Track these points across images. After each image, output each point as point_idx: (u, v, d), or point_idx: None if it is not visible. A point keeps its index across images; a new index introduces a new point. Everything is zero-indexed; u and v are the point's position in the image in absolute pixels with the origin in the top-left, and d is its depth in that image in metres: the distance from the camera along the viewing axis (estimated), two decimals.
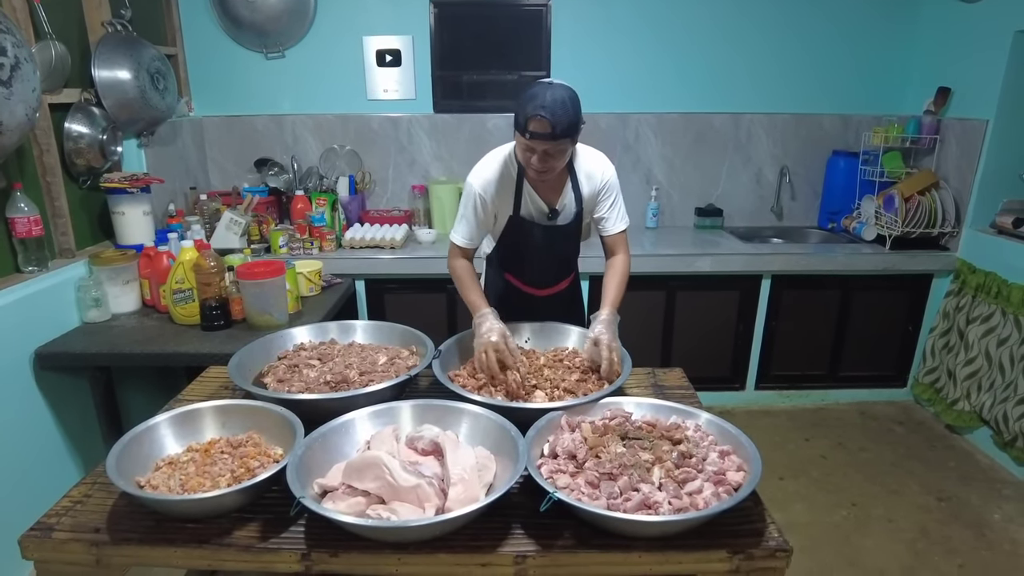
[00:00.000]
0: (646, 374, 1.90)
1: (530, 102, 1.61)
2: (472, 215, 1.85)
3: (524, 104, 1.63)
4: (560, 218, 1.91)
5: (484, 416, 1.44)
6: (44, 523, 1.25)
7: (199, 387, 1.83)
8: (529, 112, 1.60)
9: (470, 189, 1.84)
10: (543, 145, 1.64)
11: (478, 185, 1.83)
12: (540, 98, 1.60)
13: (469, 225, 1.87)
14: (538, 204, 1.89)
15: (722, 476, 1.27)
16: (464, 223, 1.88)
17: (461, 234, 1.89)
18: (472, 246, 1.91)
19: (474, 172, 1.86)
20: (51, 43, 2.27)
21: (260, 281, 2.23)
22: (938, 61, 3.33)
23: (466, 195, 1.85)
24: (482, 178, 1.83)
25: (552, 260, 2.05)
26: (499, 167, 1.84)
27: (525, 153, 1.70)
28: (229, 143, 3.51)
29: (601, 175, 1.88)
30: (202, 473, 1.32)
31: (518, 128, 1.66)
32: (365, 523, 1.14)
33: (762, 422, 3.32)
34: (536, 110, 1.59)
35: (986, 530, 2.50)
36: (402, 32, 3.36)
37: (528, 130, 1.62)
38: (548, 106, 1.59)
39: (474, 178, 1.84)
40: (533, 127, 1.61)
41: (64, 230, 2.43)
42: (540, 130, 1.61)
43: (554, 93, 1.61)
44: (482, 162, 1.87)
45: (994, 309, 2.94)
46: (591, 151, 1.92)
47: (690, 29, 3.42)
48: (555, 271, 2.09)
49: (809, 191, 3.73)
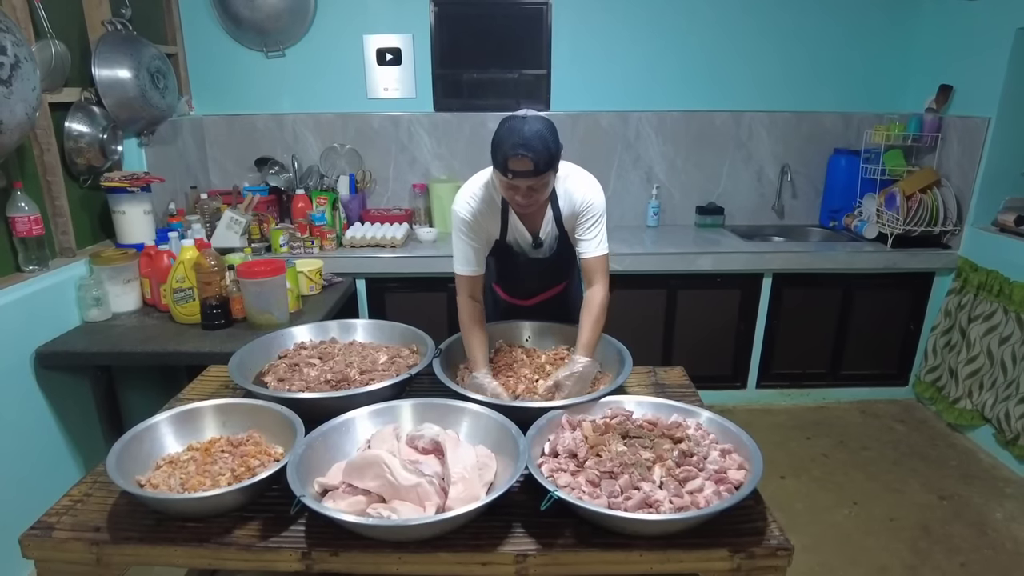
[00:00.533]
0: (647, 372, 1.89)
1: (507, 139, 1.53)
2: (466, 241, 1.77)
3: (502, 143, 1.54)
4: (545, 246, 1.86)
5: (485, 415, 1.44)
6: (44, 522, 1.26)
7: (200, 386, 1.83)
8: (508, 151, 1.52)
9: (457, 217, 1.76)
10: (527, 182, 1.57)
11: (465, 212, 1.75)
12: (517, 134, 1.52)
13: (467, 252, 1.78)
14: (522, 233, 1.83)
15: (723, 475, 1.27)
16: (462, 252, 1.79)
17: (461, 263, 1.79)
18: (478, 272, 1.81)
19: (458, 200, 1.78)
20: (51, 42, 2.27)
21: (260, 280, 2.23)
22: (939, 59, 3.32)
23: (455, 225, 1.77)
24: (467, 205, 1.76)
25: (536, 279, 2.04)
26: (482, 193, 1.77)
27: (508, 191, 1.63)
28: (229, 142, 3.50)
29: (583, 197, 1.75)
30: (202, 472, 1.32)
31: (497, 167, 1.58)
32: (366, 522, 1.14)
33: (763, 421, 3.31)
34: (515, 149, 1.51)
35: (988, 529, 2.49)
36: (402, 31, 3.36)
37: (510, 169, 1.54)
38: (527, 143, 1.51)
39: (459, 206, 1.77)
40: (514, 166, 1.54)
41: (65, 229, 2.43)
42: (522, 168, 1.54)
43: (530, 127, 1.53)
44: (465, 189, 1.79)
45: (996, 307, 2.94)
46: (582, 175, 1.79)
47: (691, 27, 3.41)
48: (538, 287, 2.08)
49: (810, 189, 3.72)
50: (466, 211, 1.75)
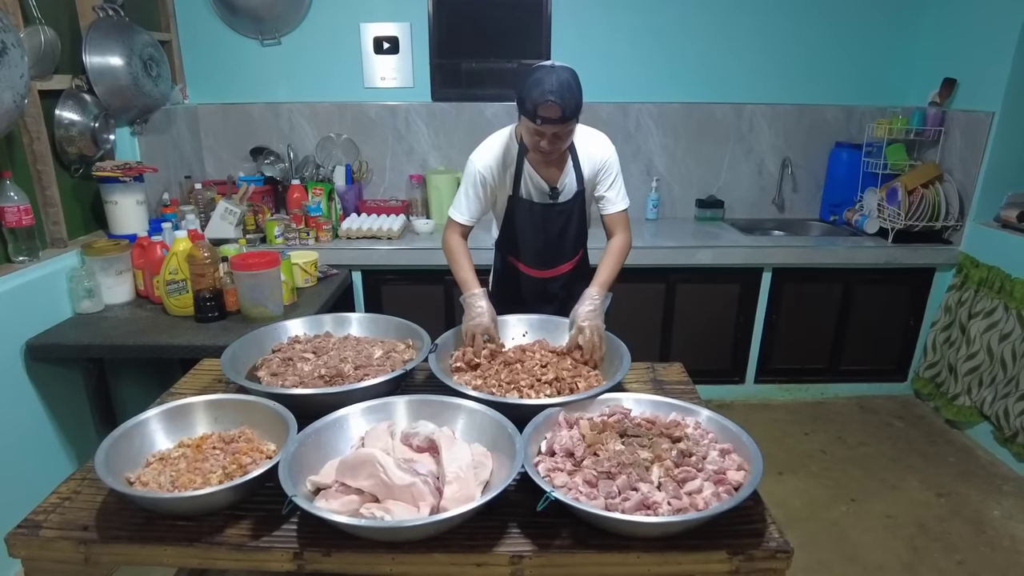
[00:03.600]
0: (645, 369, 1.87)
1: (536, 87, 1.64)
2: (473, 193, 1.91)
3: (530, 90, 1.65)
4: (561, 196, 1.95)
5: (480, 412, 1.42)
6: (32, 520, 1.23)
7: (192, 380, 1.80)
8: (537, 98, 1.63)
9: (472, 167, 1.90)
10: (553, 129, 1.68)
11: (480, 164, 1.89)
12: (547, 83, 1.62)
13: (469, 203, 1.92)
14: (539, 184, 1.93)
15: (722, 475, 1.25)
16: (464, 200, 1.93)
17: (460, 211, 1.93)
18: (470, 223, 1.95)
19: (477, 152, 1.91)
20: (40, 28, 2.22)
21: (255, 272, 2.20)
22: (944, 52, 3.28)
23: (468, 173, 1.91)
24: (484, 157, 1.90)
25: (552, 240, 2.06)
26: (501, 147, 1.90)
27: (533, 137, 1.74)
28: (224, 131, 3.46)
29: (601, 154, 1.92)
30: (193, 469, 1.30)
31: (526, 114, 1.68)
32: (358, 523, 1.12)
33: (761, 415, 3.30)
34: (545, 95, 1.62)
35: (986, 526, 2.49)
36: (400, 19, 3.31)
37: (539, 115, 1.65)
38: (556, 90, 1.62)
39: (476, 157, 1.90)
40: (543, 112, 1.64)
41: (56, 219, 2.39)
42: (550, 115, 1.64)
43: (559, 76, 1.64)
44: (485, 144, 1.92)
45: (997, 304, 2.92)
46: (591, 131, 1.95)
47: (692, 18, 3.37)
48: (557, 252, 2.10)
49: (811, 183, 3.69)
50: (481, 162, 1.89)
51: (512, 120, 1.91)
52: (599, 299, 1.79)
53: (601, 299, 1.80)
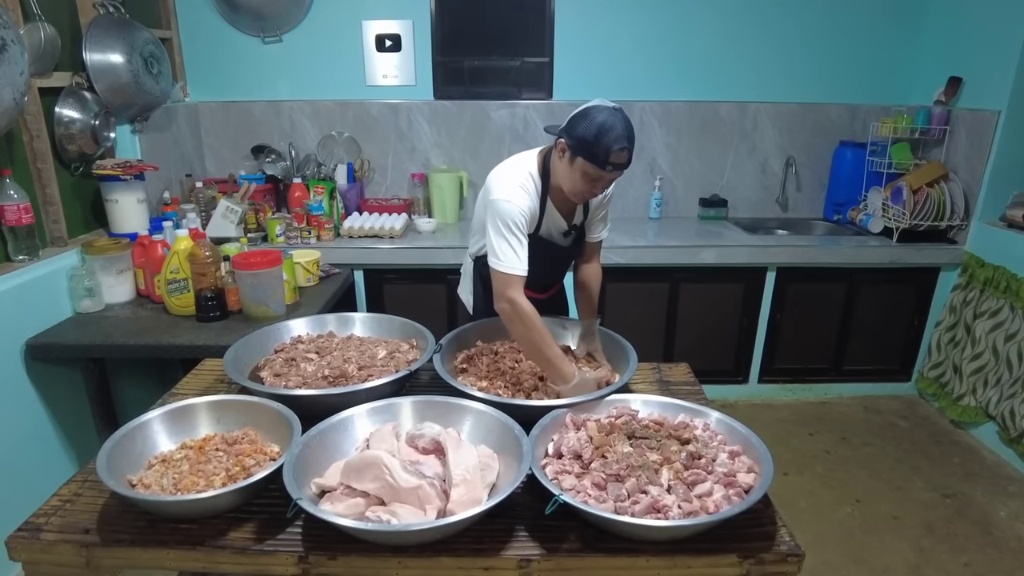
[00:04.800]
0: (651, 369, 1.86)
1: (607, 134, 1.53)
2: (521, 238, 1.65)
3: (599, 138, 1.53)
4: (573, 234, 1.87)
5: (487, 413, 1.40)
6: (32, 523, 1.22)
7: (194, 380, 1.79)
8: (613, 146, 1.53)
9: (512, 212, 1.63)
10: (619, 175, 1.62)
11: (521, 204, 1.65)
12: (616, 129, 1.54)
13: (522, 250, 1.65)
14: (558, 223, 1.82)
15: (732, 478, 1.23)
16: (518, 249, 1.63)
17: (519, 261, 1.63)
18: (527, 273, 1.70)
19: (509, 191, 1.66)
20: (40, 25, 2.20)
21: (256, 271, 2.18)
22: (949, 50, 3.26)
23: (508, 218, 1.62)
24: (520, 198, 1.66)
25: (557, 269, 2.04)
26: (529, 184, 1.71)
27: (590, 182, 1.61)
28: (225, 129, 3.44)
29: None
30: (196, 472, 1.28)
31: (593, 160, 1.55)
32: (364, 526, 1.10)
33: (765, 416, 3.28)
34: (619, 142, 1.54)
35: (992, 528, 2.47)
36: (402, 16, 3.29)
37: (611, 162, 1.56)
38: (628, 136, 1.56)
39: (514, 197, 1.65)
40: (616, 159, 1.56)
41: (56, 218, 2.37)
42: (622, 161, 1.57)
43: (623, 121, 1.56)
44: (512, 180, 1.69)
45: (1002, 304, 2.90)
46: None
47: (696, 16, 3.35)
48: (557, 277, 2.10)
49: (815, 182, 3.68)
50: (525, 204, 1.66)
51: (516, 121, 1.84)
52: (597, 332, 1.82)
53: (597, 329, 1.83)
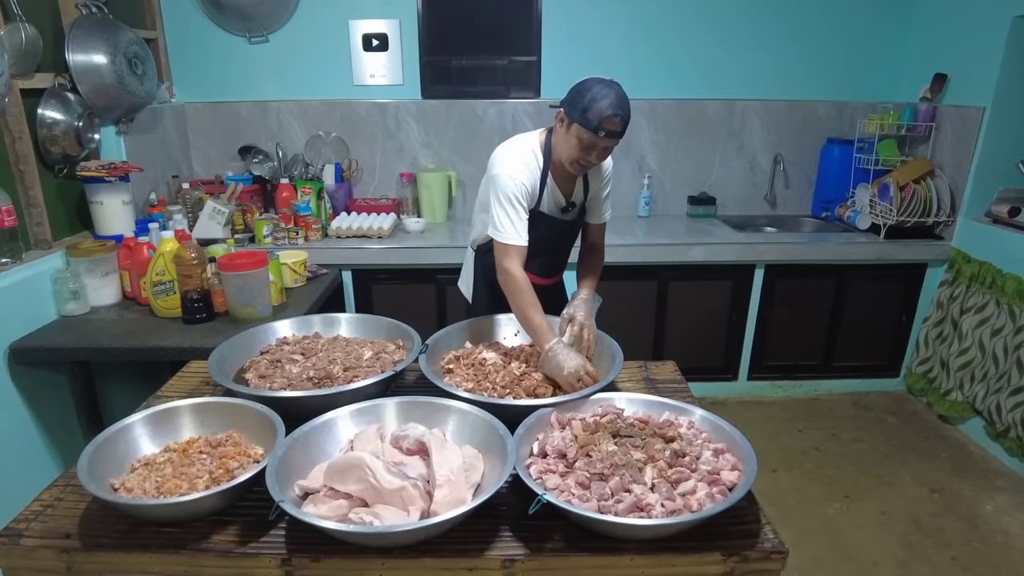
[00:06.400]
0: (638, 367, 1.86)
1: (600, 101, 1.61)
2: (521, 210, 1.73)
3: (592, 103, 1.61)
4: (574, 210, 1.93)
5: (472, 413, 1.40)
6: (13, 528, 1.20)
7: (179, 383, 1.78)
8: (605, 112, 1.60)
9: (514, 184, 1.72)
10: (613, 143, 1.68)
11: (520, 177, 1.73)
12: (609, 97, 1.61)
13: (521, 222, 1.73)
14: (558, 198, 1.88)
15: (716, 476, 1.24)
16: (516, 221, 1.72)
17: (517, 233, 1.72)
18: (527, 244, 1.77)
19: (509, 163, 1.74)
20: (21, 25, 2.18)
21: (243, 273, 2.17)
22: (935, 47, 3.28)
23: (509, 191, 1.71)
24: (520, 170, 1.75)
25: (561, 251, 2.06)
26: (531, 160, 1.79)
27: (585, 151, 1.68)
28: (212, 130, 3.42)
29: (606, 166, 1.90)
30: (179, 475, 1.27)
31: (587, 126, 1.62)
32: (347, 528, 1.10)
33: (755, 413, 3.30)
34: (611, 110, 1.60)
35: (979, 522, 2.49)
36: (389, 15, 3.28)
37: (604, 128, 1.62)
38: (621, 105, 1.62)
39: (513, 170, 1.73)
40: (609, 126, 1.62)
41: (39, 220, 2.35)
42: (615, 129, 1.63)
43: (618, 91, 1.63)
44: (516, 154, 1.77)
45: (988, 299, 2.92)
46: None
47: (684, 14, 3.36)
48: (559, 261, 2.10)
49: (803, 179, 3.69)
50: (521, 176, 1.74)
51: (504, 120, 1.86)
52: (589, 298, 1.82)
53: (592, 299, 1.82)
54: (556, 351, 1.58)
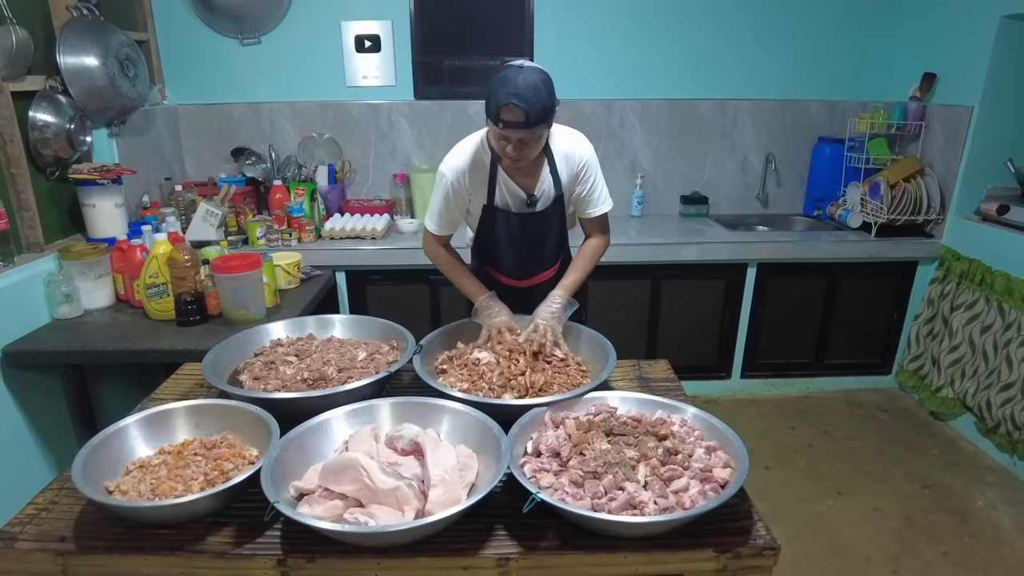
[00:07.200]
0: (631, 366, 1.87)
1: (501, 88, 1.52)
2: (444, 204, 1.83)
3: (495, 91, 1.54)
4: (540, 204, 1.83)
5: (466, 413, 1.41)
6: (7, 532, 1.20)
7: (173, 385, 1.78)
8: (501, 100, 1.52)
9: (443, 178, 1.79)
10: (518, 133, 1.56)
11: (451, 174, 1.77)
12: (511, 84, 1.51)
13: (442, 214, 1.85)
14: (515, 191, 1.81)
15: (709, 473, 1.25)
16: (438, 213, 1.85)
17: (435, 222, 1.86)
18: (448, 234, 1.90)
19: (447, 160, 1.80)
20: (11, 28, 2.17)
21: (236, 275, 2.17)
22: (924, 46, 3.31)
23: (439, 184, 1.81)
24: (454, 166, 1.77)
25: (532, 250, 1.95)
26: (471, 154, 1.76)
27: (499, 142, 1.63)
28: (205, 132, 3.42)
29: (579, 155, 1.80)
30: (174, 476, 1.27)
31: (490, 116, 1.58)
32: (342, 528, 1.10)
33: (748, 411, 3.32)
34: (508, 98, 1.50)
35: (970, 517, 2.51)
36: (381, 16, 3.28)
37: (501, 119, 1.54)
38: (521, 93, 1.50)
39: (446, 167, 1.79)
40: (506, 116, 1.53)
41: (32, 223, 2.34)
42: (513, 119, 1.53)
43: (526, 78, 1.52)
44: (455, 150, 1.81)
45: (978, 296, 2.95)
46: (567, 131, 1.83)
47: (675, 14, 3.37)
48: (536, 261, 1.99)
49: (795, 178, 3.71)
50: (452, 172, 1.78)
51: None
52: (561, 303, 1.75)
53: (563, 303, 1.76)
54: (487, 303, 1.74)
